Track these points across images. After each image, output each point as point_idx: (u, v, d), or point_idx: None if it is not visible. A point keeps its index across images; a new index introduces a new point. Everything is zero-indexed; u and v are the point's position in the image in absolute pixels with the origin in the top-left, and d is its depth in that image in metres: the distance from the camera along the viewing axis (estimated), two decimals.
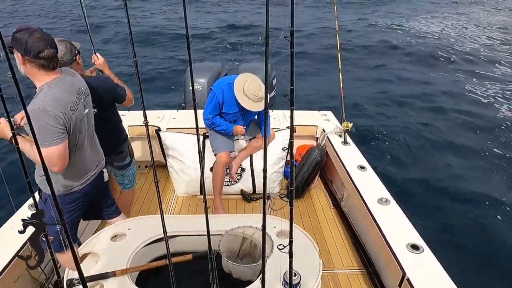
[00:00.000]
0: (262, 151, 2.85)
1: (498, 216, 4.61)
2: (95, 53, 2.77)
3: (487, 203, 4.84)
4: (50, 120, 1.87)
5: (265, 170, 1.07)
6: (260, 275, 1.34)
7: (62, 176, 2.12)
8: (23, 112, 2.15)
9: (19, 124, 2.06)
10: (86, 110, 2.18)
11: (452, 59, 11.29)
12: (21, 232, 0.99)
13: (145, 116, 1.21)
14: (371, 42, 12.95)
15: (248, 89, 3.16)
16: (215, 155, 3.51)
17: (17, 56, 1.91)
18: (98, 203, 2.55)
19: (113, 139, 2.79)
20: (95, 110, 2.49)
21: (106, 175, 2.47)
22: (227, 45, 12.57)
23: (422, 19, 17.18)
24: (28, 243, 2.32)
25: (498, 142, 6.50)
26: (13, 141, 0.98)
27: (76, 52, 2.45)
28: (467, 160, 5.94)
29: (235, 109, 3.36)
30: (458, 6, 20.48)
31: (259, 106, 3.25)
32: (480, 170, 5.64)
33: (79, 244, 2.53)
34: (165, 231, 1.36)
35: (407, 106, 8.08)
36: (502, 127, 7.06)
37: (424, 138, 6.64)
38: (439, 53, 11.86)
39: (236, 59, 10.64)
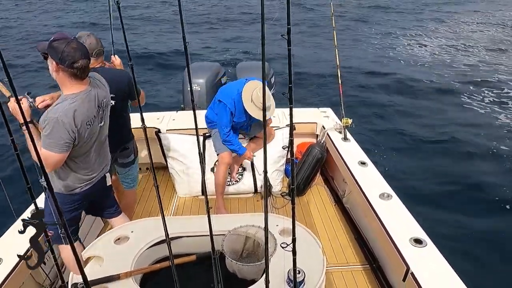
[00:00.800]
0: (262, 150, 2.85)
1: (503, 206, 4.60)
2: (113, 55, 2.88)
3: (490, 194, 4.84)
4: (63, 132, 1.94)
5: (265, 172, 1.07)
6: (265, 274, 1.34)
7: (65, 177, 2.17)
8: (46, 96, 2.21)
9: (37, 106, 2.13)
10: (102, 123, 2.24)
11: (448, 59, 11.29)
12: (21, 232, 0.99)
13: (142, 120, 1.21)
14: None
15: (257, 97, 3.10)
16: (217, 155, 3.50)
17: (51, 64, 1.98)
18: (99, 204, 2.58)
19: (121, 135, 2.86)
20: (113, 102, 2.58)
21: (109, 179, 2.49)
22: (225, 44, 12.56)
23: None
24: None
25: (501, 136, 6.49)
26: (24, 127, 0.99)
27: (100, 43, 2.58)
28: (469, 152, 5.94)
29: (244, 118, 3.33)
30: None
31: (268, 114, 3.23)
32: (484, 162, 5.63)
33: (81, 242, 2.55)
34: (166, 234, 1.36)
35: (407, 99, 8.09)
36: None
37: (425, 131, 6.64)
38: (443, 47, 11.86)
39: (234, 58, 10.65)
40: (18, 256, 1.02)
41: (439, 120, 7.09)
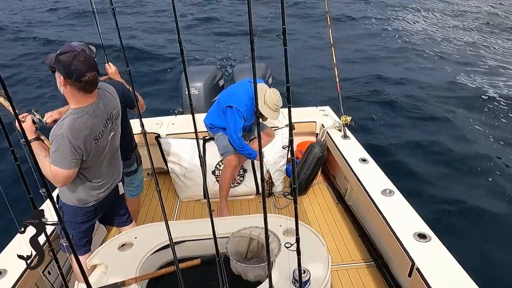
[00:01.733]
0: (262, 150, 2.85)
1: (503, 201, 4.60)
2: (107, 62, 2.85)
3: (493, 190, 4.84)
4: (69, 149, 1.90)
5: (262, 172, 1.07)
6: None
7: (77, 190, 2.14)
8: (54, 112, 2.18)
9: (45, 121, 2.12)
10: (112, 134, 2.19)
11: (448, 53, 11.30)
12: (21, 232, 0.99)
13: (142, 125, 1.21)
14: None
15: (270, 98, 3.10)
16: (223, 158, 3.50)
17: (59, 77, 1.93)
18: (112, 213, 2.57)
19: (122, 146, 2.75)
20: None
21: (121, 188, 2.47)
22: (219, 45, 12.56)
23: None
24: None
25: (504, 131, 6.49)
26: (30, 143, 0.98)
27: (94, 55, 2.51)
28: (470, 147, 5.93)
29: (252, 119, 3.34)
30: None
31: (277, 115, 3.24)
32: (484, 159, 5.63)
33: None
34: (170, 238, 1.36)
35: (406, 95, 8.09)
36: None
37: (425, 127, 6.64)
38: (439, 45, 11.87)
39: (230, 58, 10.66)
40: (18, 256, 1.02)
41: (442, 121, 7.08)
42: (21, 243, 2.47)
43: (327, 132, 3.87)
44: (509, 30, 13.60)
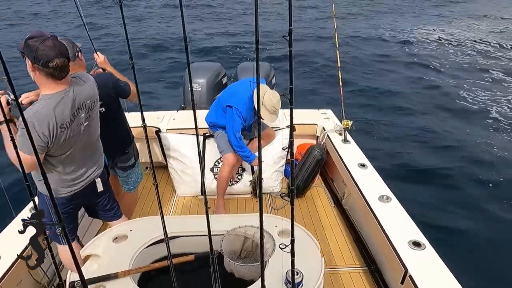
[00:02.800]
0: (262, 150, 2.86)
1: (502, 212, 4.60)
2: (95, 52, 2.80)
3: (491, 200, 4.83)
4: (34, 135, 1.82)
5: (260, 172, 1.07)
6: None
7: (48, 179, 2.08)
8: (31, 93, 2.13)
9: (21, 102, 2.06)
10: (86, 123, 2.12)
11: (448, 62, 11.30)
12: (21, 232, 0.99)
13: (143, 119, 1.20)
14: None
15: (269, 100, 3.09)
16: (221, 155, 3.50)
17: (28, 63, 1.90)
18: (95, 208, 2.52)
19: (118, 139, 2.79)
20: (103, 109, 2.51)
21: (100, 185, 2.39)
22: (226, 45, 12.57)
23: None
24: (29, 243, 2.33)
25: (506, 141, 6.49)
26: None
27: (77, 50, 2.44)
28: (470, 156, 5.93)
29: (251, 119, 3.35)
30: None
31: (274, 118, 3.24)
32: (485, 168, 5.63)
33: (79, 241, 2.54)
34: (165, 233, 1.36)
35: (410, 102, 8.09)
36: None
37: (425, 135, 6.64)
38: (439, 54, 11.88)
39: (236, 58, 10.66)
40: (18, 256, 1.02)
41: (444, 126, 7.08)
42: (15, 229, 2.48)
43: (327, 135, 3.87)
44: None
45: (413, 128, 6.92)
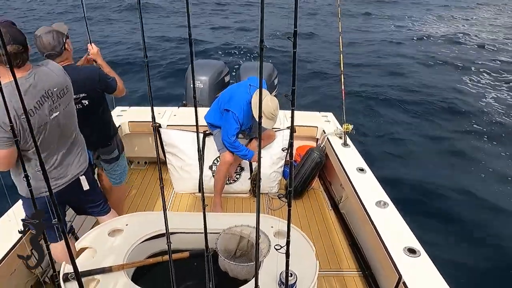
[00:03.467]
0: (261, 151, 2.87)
1: (499, 220, 4.60)
2: (90, 43, 2.76)
3: (489, 208, 4.84)
4: None
5: (259, 172, 1.07)
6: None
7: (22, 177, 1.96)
8: None
9: None
10: (56, 113, 2.01)
11: (457, 63, 11.30)
12: (21, 232, 0.98)
13: (153, 118, 1.18)
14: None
15: (267, 106, 3.05)
16: (219, 154, 3.50)
17: None
18: (80, 205, 2.48)
19: (100, 133, 2.72)
20: (86, 102, 2.46)
21: (85, 183, 2.32)
22: (230, 43, 12.57)
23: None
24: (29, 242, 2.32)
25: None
26: None
27: (64, 40, 2.36)
28: (468, 164, 5.94)
29: (249, 123, 3.35)
30: None
31: (272, 124, 3.22)
32: (483, 176, 5.63)
33: (73, 235, 2.52)
34: (167, 228, 1.35)
35: (410, 109, 8.09)
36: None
37: (425, 142, 6.65)
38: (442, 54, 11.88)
39: (238, 58, 10.66)
40: (18, 256, 1.01)
41: (445, 132, 7.09)
42: (9, 220, 2.47)
43: (327, 138, 3.87)
44: None
45: (415, 133, 6.93)
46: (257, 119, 3.29)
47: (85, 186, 2.33)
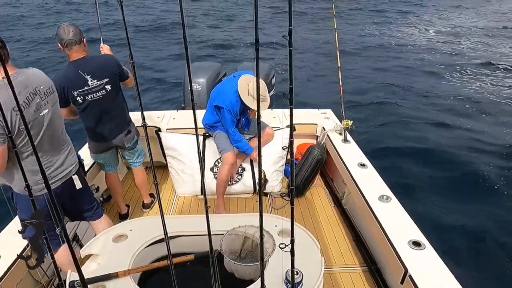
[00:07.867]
0: (262, 150, 2.86)
1: (502, 212, 4.60)
2: (102, 43, 3.13)
3: (490, 201, 4.83)
4: None
5: (260, 172, 1.06)
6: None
7: (18, 176, 2.00)
8: None
9: None
10: (45, 111, 2.05)
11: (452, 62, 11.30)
12: (21, 232, 0.98)
13: (143, 118, 1.19)
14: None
15: (253, 89, 3.11)
16: (221, 155, 3.50)
17: None
18: (74, 208, 2.48)
19: (123, 116, 3.01)
20: (109, 87, 2.74)
21: (77, 182, 2.35)
22: (225, 44, 12.57)
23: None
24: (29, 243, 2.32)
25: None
26: None
27: (83, 35, 2.66)
28: (469, 156, 5.93)
29: (244, 115, 3.40)
30: None
31: (263, 106, 3.26)
32: (485, 168, 5.63)
33: (78, 242, 2.52)
34: (165, 232, 1.35)
35: (410, 101, 8.09)
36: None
37: (426, 134, 6.64)
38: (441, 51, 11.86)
39: (235, 58, 10.66)
40: (18, 255, 1.01)
41: (446, 127, 7.08)
42: (15, 229, 2.48)
43: (327, 135, 3.87)
44: None
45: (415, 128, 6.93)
46: (246, 103, 3.32)
47: (78, 184, 2.37)
